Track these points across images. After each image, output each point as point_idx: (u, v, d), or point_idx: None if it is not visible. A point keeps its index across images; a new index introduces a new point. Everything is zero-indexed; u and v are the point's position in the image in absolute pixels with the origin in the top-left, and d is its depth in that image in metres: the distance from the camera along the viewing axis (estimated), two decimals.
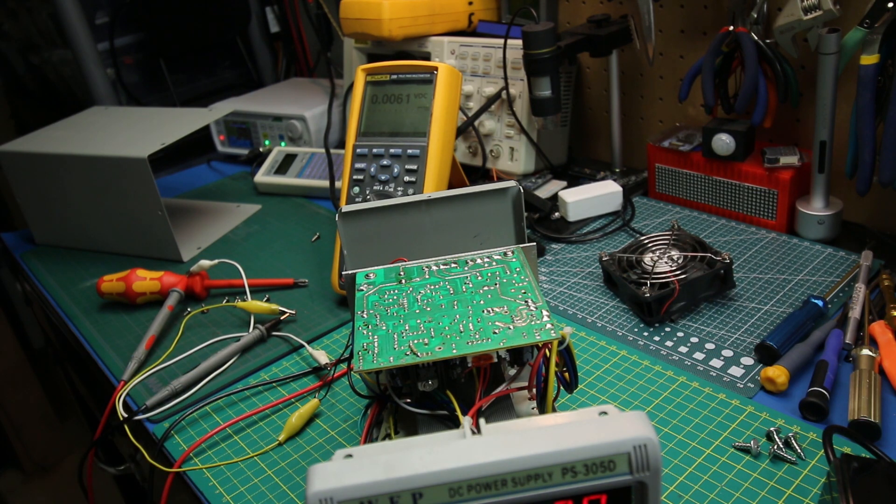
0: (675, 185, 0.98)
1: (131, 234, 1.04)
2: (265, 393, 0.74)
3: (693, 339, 0.72)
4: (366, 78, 0.86)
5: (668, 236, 0.82)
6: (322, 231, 1.07)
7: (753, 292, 0.78)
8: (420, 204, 0.57)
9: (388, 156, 0.83)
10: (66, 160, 1.01)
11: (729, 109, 0.92)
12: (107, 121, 1.12)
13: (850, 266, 0.80)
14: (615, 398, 0.66)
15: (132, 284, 0.90)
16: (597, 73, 1.15)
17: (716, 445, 0.59)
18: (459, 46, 1.11)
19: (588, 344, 0.74)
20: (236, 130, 1.37)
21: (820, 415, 0.60)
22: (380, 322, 0.48)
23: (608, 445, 0.34)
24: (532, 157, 1.07)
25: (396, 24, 1.08)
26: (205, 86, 1.61)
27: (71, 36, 1.33)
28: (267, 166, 1.23)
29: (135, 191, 0.98)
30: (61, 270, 1.05)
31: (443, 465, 0.34)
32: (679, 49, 1.01)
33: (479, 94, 1.09)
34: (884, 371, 0.63)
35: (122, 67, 1.48)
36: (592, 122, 1.19)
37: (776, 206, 0.88)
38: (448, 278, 0.52)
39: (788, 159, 0.86)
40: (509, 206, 0.57)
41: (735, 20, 0.87)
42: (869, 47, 0.74)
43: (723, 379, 0.67)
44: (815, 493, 0.54)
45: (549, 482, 0.34)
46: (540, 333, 0.44)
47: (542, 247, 0.93)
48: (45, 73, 1.57)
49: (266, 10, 1.59)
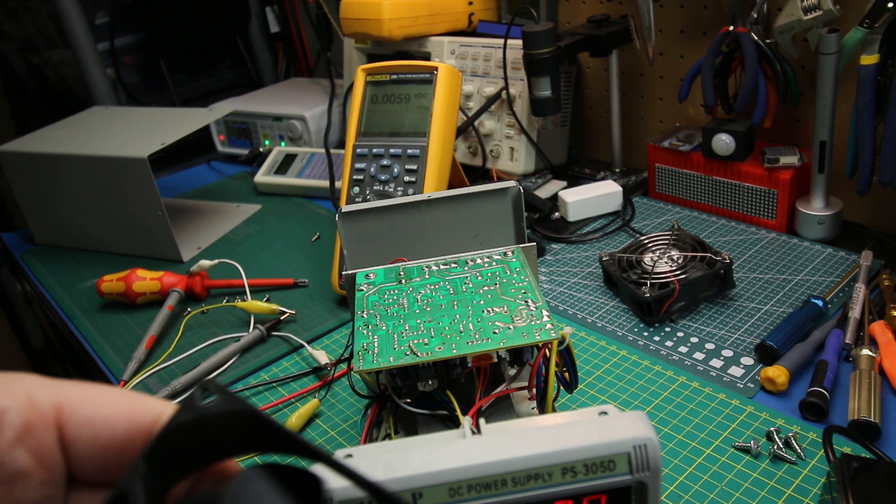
0: (675, 185, 0.98)
1: (131, 234, 1.04)
2: (265, 393, 0.74)
3: (693, 339, 0.72)
4: (366, 78, 0.86)
5: (668, 236, 0.82)
6: (322, 231, 1.07)
7: (753, 292, 0.78)
8: (420, 204, 0.57)
9: (388, 156, 0.83)
10: (66, 160, 1.01)
11: (729, 109, 0.92)
12: (107, 121, 1.12)
13: (850, 266, 0.80)
14: (615, 398, 0.66)
15: (132, 284, 0.90)
16: (597, 73, 1.15)
17: (716, 445, 0.59)
18: (459, 46, 1.11)
19: (588, 344, 0.74)
20: (236, 130, 1.37)
21: (820, 415, 0.60)
22: (380, 322, 0.48)
23: (608, 445, 0.34)
24: (532, 157, 1.07)
25: (396, 24, 1.08)
26: (205, 86, 1.60)
27: (71, 36, 1.33)
28: (267, 166, 1.23)
29: (135, 191, 0.98)
30: (61, 270, 1.05)
31: (443, 465, 0.34)
32: (679, 49, 1.01)
33: (479, 94, 1.09)
34: (884, 371, 0.63)
35: (122, 67, 1.48)
36: (592, 122, 1.19)
37: (776, 206, 0.88)
38: (448, 278, 0.52)
39: (788, 159, 0.86)
40: (509, 206, 0.57)
41: (735, 20, 0.87)
42: (869, 47, 0.74)
43: (723, 379, 0.67)
44: (815, 493, 0.54)
45: (549, 482, 0.34)
46: (540, 333, 0.44)
47: (542, 247, 0.93)
48: (45, 73, 1.57)
49: (266, 10, 1.59)
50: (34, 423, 0.21)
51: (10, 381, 0.21)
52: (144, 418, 0.22)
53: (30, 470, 0.21)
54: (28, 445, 0.21)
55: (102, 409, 0.22)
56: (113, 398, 0.23)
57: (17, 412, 0.21)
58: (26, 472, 0.21)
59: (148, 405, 0.23)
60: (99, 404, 0.22)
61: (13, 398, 0.21)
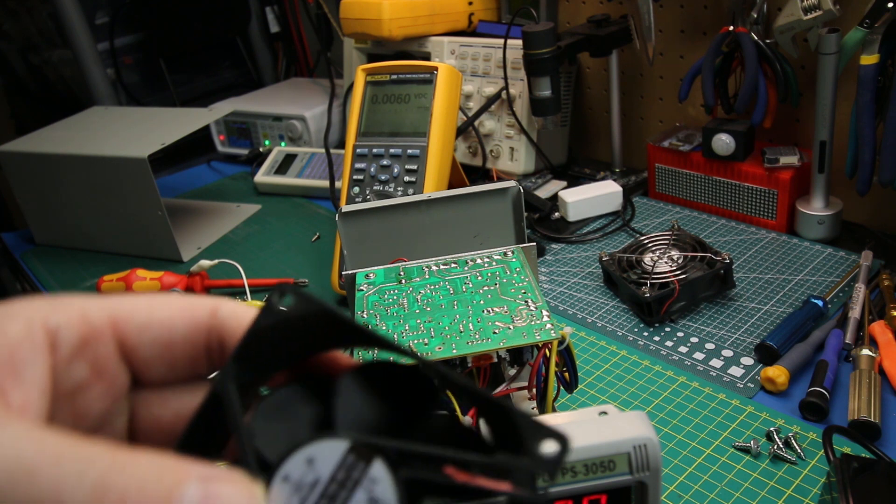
0: (675, 185, 0.98)
1: (131, 234, 1.04)
2: None
3: (693, 339, 0.72)
4: (366, 78, 0.86)
5: (668, 236, 0.82)
6: (322, 231, 1.07)
7: (753, 292, 0.78)
8: (420, 204, 0.57)
9: (388, 156, 0.83)
10: (66, 160, 1.01)
11: (729, 109, 0.92)
12: (107, 121, 1.12)
13: (850, 266, 0.80)
14: (615, 398, 0.66)
15: (132, 284, 0.90)
16: (597, 73, 1.15)
17: (716, 445, 0.59)
18: (459, 46, 1.11)
19: (588, 344, 0.74)
20: (236, 130, 1.37)
21: (820, 415, 0.60)
22: (380, 322, 0.48)
23: (608, 445, 0.34)
24: (532, 157, 1.07)
25: (396, 24, 1.08)
26: (205, 86, 1.60)
27: (71, 36, 1.33)
28: (267, 166, 1.23)
29: (135, 191, 0.98)
30: (61, 270, 1.05)
31: None
32: (679, 49, 1.01)
33: (479, 94, 1.09)
34: (884, 371, 0.63)
35: (122, 67, 1.48)
36: (592, 122, 1.19)
37: (776, 206, 0.88)
38: (448, 278, 0.52)
39: (788, 159, 0.86)
40: (509, 206, 0.58)
41: (735, 20, 0.87)
42: (869, 47, 0.74)
43: (723, 379, 0.67)
44: (815, 493, 0.54)
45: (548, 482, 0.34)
46: (540, 333, 0.44)
47: (542, 247, 0.93)
48: (45, 73, 1.57)
49: (266, 10, 1.59)
50: (89, 337, 0.22)
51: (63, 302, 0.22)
52: (199, 313, 0.24)
53: (89, 383, 0.22)
54: (86, 359, 0.22)
55: (157, 313, 0.23)
56: (165, 301, 0.24)
57: (72, 329, 0.22)
58: (86, 385, 0.22)
59: (200, 302, 0.24)
60: (152, 309, 0.23)
61: (66, 316, 0.22)
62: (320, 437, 0.19)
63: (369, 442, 0.19)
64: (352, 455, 0.19)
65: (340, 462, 0.19)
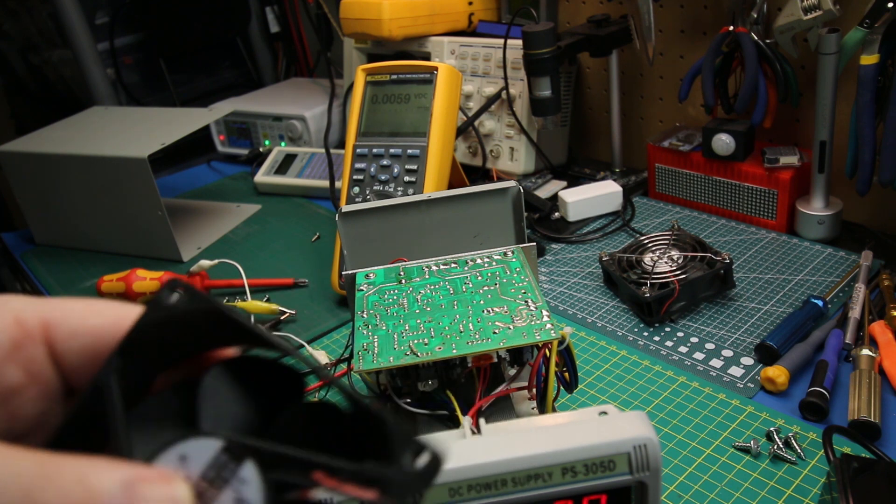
0: (675, 185, 0.98)
1: (131, 234, 1.04)
2: None
3: (693, 339, 0.72)
4: (366, 78, 0.86)
5: (668, 236, 0.82)
6: (322, 231, 1.07)
7: (753, 292, 0.78)
8: (420, 204, 0.57)
9: (388, 156, 0.83)
10: (66, 160, 1.01)
11: (729, 109, 0.92)
12: (107, 121, 1.12)
13: (850, 266, 0.80)
14: (615, 398, 0.66)
15: (132, 284, 0.90)
16: (597, 73, 1.15)
17: (716, 445, 0.59)
18: (459, 46, 1.11)
19: (588, 344, 0.74)
20: (236, 130, 1.37)
21: (820, 415, 0.60)
22: (380, 322, 0.48)
23: (608, 445, 0.34)
24: (532, 157, 1.07)
25: (396, 24, 1.08)
26: (205, 86, 1.60)
27: (71, 36, 1.33)
28: (267, 166, 1.23)
29: (135, 191, 0.98)
30: (61, 270, 1.05)
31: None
32: (679, 49, 1.01)
33: (479, 94, 1.09)
34: (884, 371, 0.63)
35: (122, 67, 1.48)
36: (592, 122, 1.19)
37: (776, 206, 0.88)
38: (448, 278, 0.52)
39: (788, 159, 0.86)
40: (509, 206, 0.58)
41: (735, 20, 0.87)
42: (869, 47, 0.74)
43: (723, 379, 0.67)
44: (815, 493, 0.54)
45: (549, 482, 0.34)
46: (540, 333, 0.44)
47: (542, 247, 0.93)
48: (45, 73, 1.57)
49: (266, 10, 1.59)
50: (22, 341, 0.22)
51: None
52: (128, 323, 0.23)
53: (23, 386, 0.22)
54: (18, 363, 0.22)
55: (88, 320, 0.23)
56: (97, 308, 0.23)
57: (5, 332, 0.22)
58: (19, 388, 0.22)
59: (131, 311, 0.23)
60: (84, 315, 0.23)
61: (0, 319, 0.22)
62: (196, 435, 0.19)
63: (243, 442, 0.19)
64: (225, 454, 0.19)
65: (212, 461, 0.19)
